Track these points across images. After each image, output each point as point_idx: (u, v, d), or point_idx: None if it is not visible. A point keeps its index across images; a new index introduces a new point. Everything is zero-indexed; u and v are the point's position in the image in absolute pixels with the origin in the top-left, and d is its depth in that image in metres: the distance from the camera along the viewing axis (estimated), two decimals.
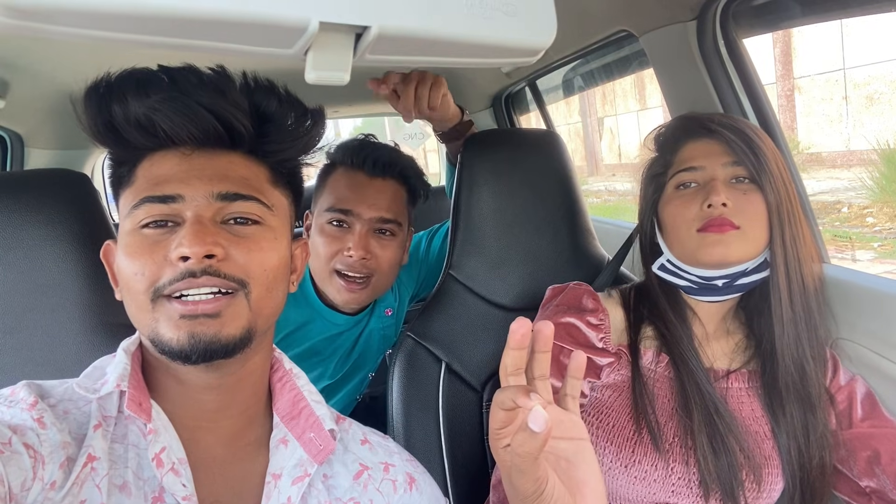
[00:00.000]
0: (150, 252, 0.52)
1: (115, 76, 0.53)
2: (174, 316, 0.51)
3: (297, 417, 0.62)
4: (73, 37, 0.35)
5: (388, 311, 1.29)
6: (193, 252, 0.50)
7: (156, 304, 0.51)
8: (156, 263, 0.51)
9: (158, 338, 0.51)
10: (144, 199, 0.53)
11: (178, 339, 0.51)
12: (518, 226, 1.11)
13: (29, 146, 1.63)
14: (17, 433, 0.46)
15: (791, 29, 8.12)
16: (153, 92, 0.52)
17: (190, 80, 0.53)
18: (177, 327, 0.51)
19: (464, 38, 0.44)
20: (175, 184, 0.54)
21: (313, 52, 0.42)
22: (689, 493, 0.80)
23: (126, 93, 0.51)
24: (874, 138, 7.15)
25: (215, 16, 0.35)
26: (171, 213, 0.53)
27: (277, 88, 0.58)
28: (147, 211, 0.53)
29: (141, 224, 0.53)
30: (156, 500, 0.51)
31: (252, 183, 0.57)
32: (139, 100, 0.51)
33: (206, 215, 0.53)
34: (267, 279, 0.56)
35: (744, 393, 0.87)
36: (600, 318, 0.90)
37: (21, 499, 0.44)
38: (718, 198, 0.80)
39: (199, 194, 0.54)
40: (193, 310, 0.51)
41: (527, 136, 1.28)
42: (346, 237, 1.09)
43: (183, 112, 0.52)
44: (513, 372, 0.51)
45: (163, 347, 0.51)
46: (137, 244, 0.53)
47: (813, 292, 0.84)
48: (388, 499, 0.64)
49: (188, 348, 0.51)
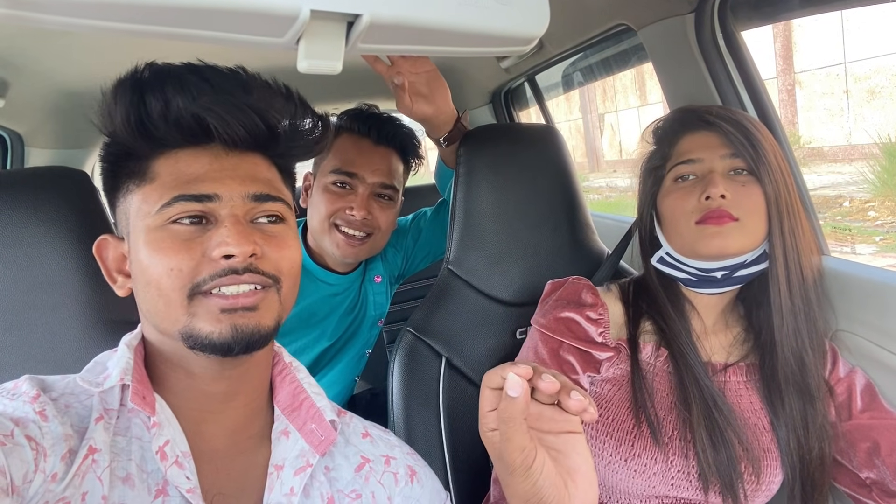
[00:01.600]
0: (186, 249, 0.53)
1: (149, 69, 0.54)
2: (214, 310, 0.52)
3: (298, 409, 0.63)
4: (65, 26, 0.36)
5: (378, 278, 1.34)
6: (241, 251, 0.52)
7: (193, 300, 0.53)
8: (193, 260, 0.52)
9: (195, 332, 0.52)
10: (178, 198, 0.54)
11: (220, 332, 0.52)
12: (517, 220, 1.11)
13: (29, 145, 1.63)
14: (19, 425, 0.46)
15: (791, 23, 8.11)
16: (194, 90, 0.53)
17: (230, 82, 0.54)
18: (218, 321, 0.52)
19: (456, 26, 0.43)
20: (210, 183, 0.55)
21: (305, 40, 0.42)
22: (689, 486, 0.81)
23: (165, 88, 0.52)
24: (875, 132, 7.14)
25: (207, 4, 0.35)
26: (205, 212, 0.55)
27: (293, 92, 0.59)
28: (181, 208, 0.54)
29: (171, 220, 0.54)
30: (159, 493, 0.52)
31: (275, 183, 0.60)
32: (183, 97, 0.52)
33: (240, 215, 0.55)
34: (293, 274, 0.59)
35: (742, 386, 0.87)
36: (599, 313, 0.90)
37: (23, 491, 0.44)
38: (716, 190, 0.80)
39: (235, 194, 0.55)
40: (234, 303, 0.53)
41: (525, 130, 1.28)
42: (349, 197, 1.17)
43: (234, 113, 0.54)
44: None
45: (202, 341, 0.52)
46: (170, 240, 0.53)
47: (812, 284, 0.84)
48: (389, 491, 0.64)
49: (231, 340, 0.52)
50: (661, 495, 0.82)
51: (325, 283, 1.24)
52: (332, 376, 1.32)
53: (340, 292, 1.27)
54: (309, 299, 1.22)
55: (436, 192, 1.46)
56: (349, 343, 1.34)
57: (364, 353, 1.41)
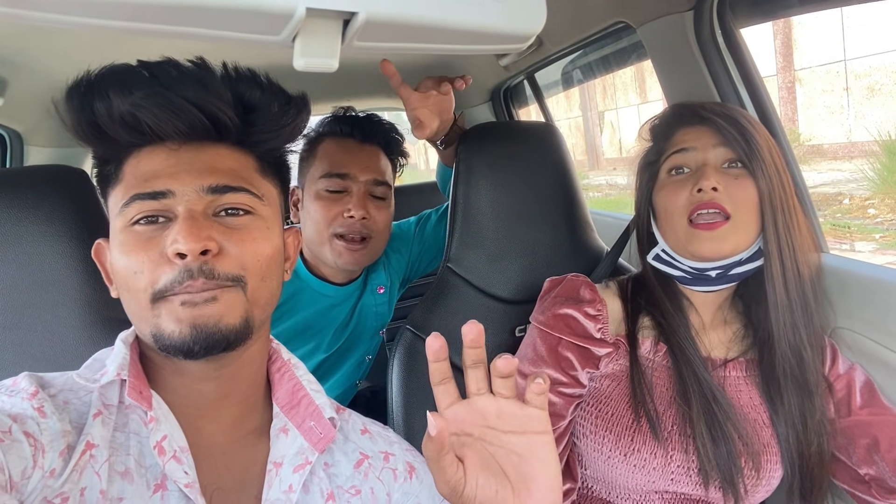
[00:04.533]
0: (144, 249, 0.52)
1: (96, 74, 0.53)
2: (176, 308, 0.51)
3: (297, 406, 0.63)
4: (63, 24, 0.36)
5: (381, 289, 1.31)
6: (189, 248, 0.50)
7: (157, 303, 0.52)
8: (153, 261, 0.51)
9: (161, 332, 0.51)
10: (134, 197, 0.53)
11: (180, 331, 0.51)
12: (516, 218, 1.11)
13: (28, 144, 1.63)
14: (17, 422, 0.46)
15: (791, 20, 8.10)
16: (135, 88, 0.51)
17: (171, 74, 0.53)
18: (179, 320, 0.51)
19: (452, 23, 0.43)
20: (164, 179, 0.53)
21: (301, 38, 0.42)
22: (689, 480, 0.81)
23: (108, 90, 0.51)
24: (875, 129, 7.14)
25: (203, 3, 0.35)
26: (161, 209, 0.53)
27: (259, 77, 0.57)
28: (138, 208, 0.53)
29: (132, 221, 0.53)
30: (158, 487, 0.52)
31: (241, 174, 0.57)
32: (122, 96, 0.51)
33: (197, 209, 0.53)
34: (261, 269, 0.56)
35: (742, 381, 0.87)
36: (598, 309, 0.90)
37: (21, 487, 0.44)
38: (708, 182, 0.80)
39: (189, 188, 0.53)
40: (193, 297, 0.51)
41: (525, 128, 1.28)
42: (344, 200, 1.13)
43: (167, 107, 0.52)
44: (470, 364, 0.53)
45: (165, 342, 0.51)
46: (131, 242, 0.52)
47: (808, 280, 0.84)
48: (388, 487, 0.64)
49: (190, 340, 0.51)
50: (661, 490, 0.82)
51: (322, 295, 1.21)
52: (331, 383, 1.31)
53: (338, 304, 1.24)
54: (304, 312, 1.19)
55: (436, 190, 1.46)
56: (348, 353, 1.32)
57: (365, 360, 1.39)
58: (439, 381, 0.53)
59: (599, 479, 0.86)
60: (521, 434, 0.52)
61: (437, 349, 0.52)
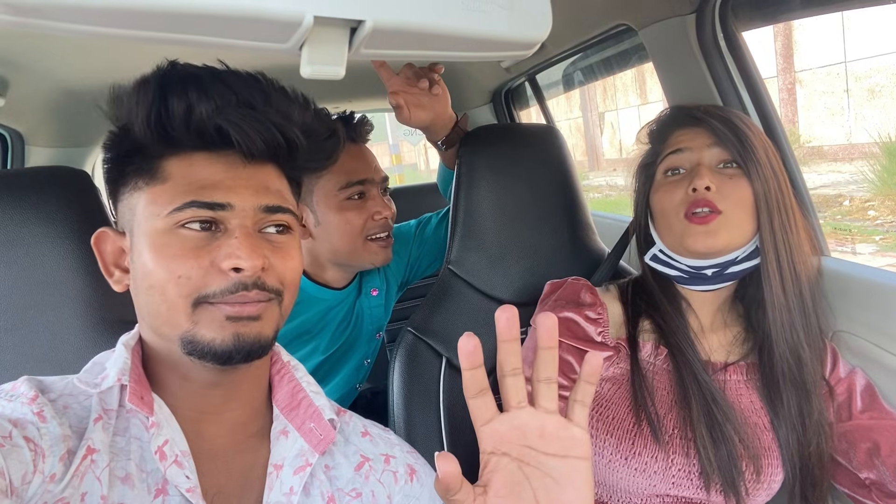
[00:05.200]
0: (194, 256, 0.52)
1: (175, 70, 0.53)
2: (219, 317, 0.52)
3: (297, 408, 0.63)
4: (69, 32, 0.36)
5: (375, 291, 1.32)
6: (251, 265, 0.52)
7: (197, 308, 0.52)
8: (202, 269, 0.52)
9: (197, 339, 0.52)
10: (191, 203, 0.53)
11: (222, 340, 0.52)
12: (518, 220, 1.11)
13: (29, 144, 1.63)
14: (17, 427, 0.46)
15: (792, 22, 8.10)
16: (216, 95, 0.52)
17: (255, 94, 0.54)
18: (221, 328, 0.52)
19: (459, 31, 0.44)
20: (224, 192, 0.54)
21: (308, 46, 0.42)
22: (690, 484, 0.81)
23: (187, 91, 0.52)
24: (876, 131, 7.14)
25: (210, 11, 0.35)
26: (216, 219, 0.54)
27: (315, 106, 0.59)
28: (192, 214, 0.53)
29: (179, 224, 0.53)
30: (159, 492, 0.52)
31: (284, 194, 0.59)
32: (205, 102, 0.52)
33: (249, 225, 0.55)
34: (295, 284, 0.59)
35: (742, 385, 0.87)
36: (598, 312, 0.90)
37: (21, 492, 0.44)
38: (702, 181, 0.81)
39: (248, 206, 0.55)
40: (240, 312, 0.52)
41: (526, 130, 1.28)
42: (368, 204, 1.16)
43: (255, 127, 0.53)
44: (510, 371, 0.49)
45: (202, 348, 0.52)
46: (178, 246, 0.52)
47: (806, 280, 0.84)
48: (389, 490, 0.64)
49: (232, 349, 0.52)
50: (662, 494, 0.83)
51: (319, 299, 1.22)
52: (331, 386, 1.32)
53: (335, 306, 1.25)
54: (303, 316, 1.19)
55: (436, 191, 1.46)
56: (346, 356, 1.33)
57: (364, 363, 1.39)
58: (476, 392, 0.49)
59: (600, 483, 0.86)
60: (562, 458, 0.49)
61: (470, 351, 0.47)
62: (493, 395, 0.49)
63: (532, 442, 0.49)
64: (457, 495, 0.47)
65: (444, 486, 0.46)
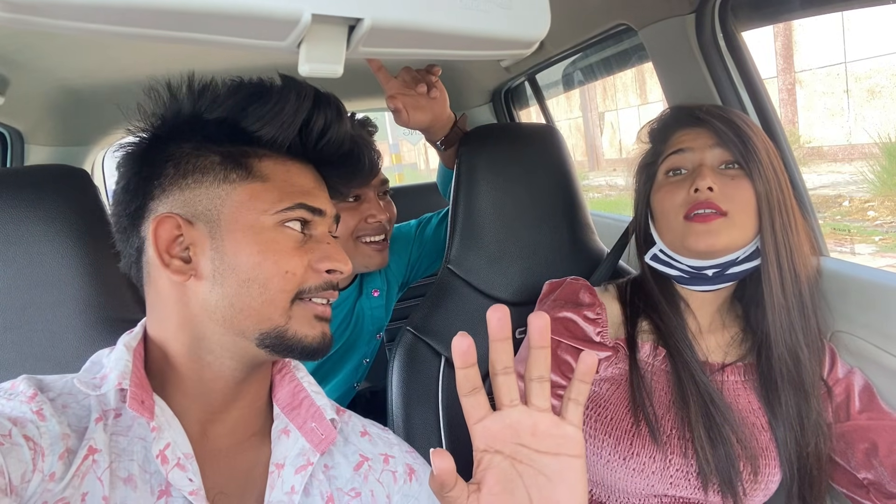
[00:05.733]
0: (300, 255, 0.57)
1: (315, 93, 0.59)
2: (309, 316, 0.58)
3: (298, 408, 0.63)
4: (67, 30, 0.36)
5: (376, 292, 1.32)
6: (347, 269, 0.59)
7: (294, 303, 0.56)
8: (304, 267, 0.57)
9: (288, 333, 0.56)
10: (301, 206, 0.58)
11: (313, 338, 0.58)
12: (517, 220, 1.11)
13: (29, 143, 1.63)
14: (16, 425, 0.46)
15: (791, 22, 8.10)
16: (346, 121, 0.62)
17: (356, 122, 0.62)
18: (312, 327, 0.58)
19: (457, 30, 0.44)
20: (321, 200, 0.61)
21: (306, 44, 0.42)
22: (688, 484, 0.81)
23: (328, 111, 0.60)
24: (875, 132, 7.14)
25: (208, 8, 0.35)
26: (311, 222, 0.60)
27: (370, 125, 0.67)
28: (299, 215, 0.58)
29: (282, 222, 0.57)
30: (162, 493, 0.51)
31: None
32: (341, 123, 0.61)
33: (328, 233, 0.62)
34: None
35: (740, 386, 0.87)
36: (597, 313, 0.90)
37: (21, 490, 0.44)
38: (704, 182, 0.81)
39: (330, 214, 0.62)
40: (325, 312, 0.59)
41: (525, 130, 1.28)
42: (362, 207, 1.17)
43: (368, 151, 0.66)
44: (501, 370, 0.48)
45: (292, 344, 0.56)
46: (285, 243, 0.56)
47: (805, 281, 0.84)
48: (388, 489, 0.64)
49: (318, 346, 0.58)
50: (660, 494, 0.83)
51: None
52: (330, 386, 1.32)
53: (335, 307, 1.23)
54: None
55: (436, 191, 1.46)
56: (346, 356, 1.32)
57: (363, 363, 1.39)
58: (469, 390, 0.48)
59: (598, 483, 0.86)
60: (555, 456, 0.49)
61: (464, 350, 0.47)
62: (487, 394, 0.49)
63: (524, 440, 0.49)
64: (451, 492, 0.47)
65: (438, 482, 0.46)
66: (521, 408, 0.49)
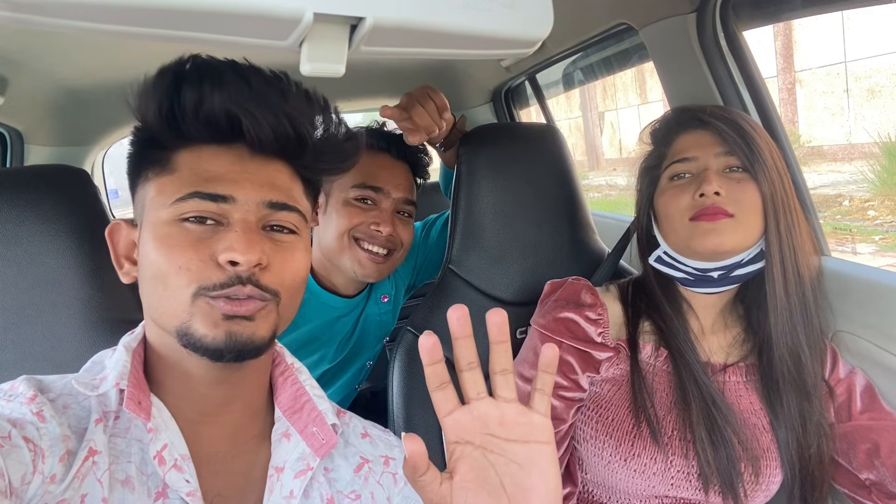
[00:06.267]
0: (194, 248, 0.52)
1: (192, 64, 0.53)
2: (215, 315, 0.52)
3: (300, 412, 0.62)
4: (68, 29, 0.35)
5: (385, 298, 1.31)
6: (246, 260, 0.52)
7: (196, 300, 0.52)
8: (202, 261, 0.52)
9: (191, 332, 0.52)
10: (195, 194, 0.53)
11: (214, 337, 0.52)
12: (518, 220, 1.11)
13: (28, 143, 1.63)
14: (16, 427, 0.46)
15: (792, 22, 8.11)
16: (229, 87, 0.52)
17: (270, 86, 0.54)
18: (215, 325, 0.52)
19: (460, 29, 0.43)
20: (228, 184, 0.54)
21: (308, 43, 0.41)
22: (689, 485, 0.81)
23: (202, 81, 0.52)
24: (875, 131, 7.14)
25: (210, 7, 0.35)
26: (218, 213, 0.54)
27: (332, 107, 0.59)
28: (195, 206, 0.53)
29: (183, 217, 0.53)
30: (159, 496, 0.51)
31: (293, 193, 0.59)
32: (218, 92, 0.52)
33: (252, 220, 0.55)
34: (295, 287, 0.58)
35: (741, 386, 0.87)
36: (599, 313, 0.90)
37: (21, 492, 0.44)
38: (710, 186, 0.80)
39: (250, 199, 0.55)
40: (235, 310, 0.52)
41: (526, 130, 1.28)
42: (372, 213, 1.13)
43: (268, 118, 0.53)
44: (499, 371, 0.49)
45: (195, 342, 0.52)
46: (179, 237, 0.53)
47: (808, 282, 0.84)
48: (388, 491, 0.64)
49: (223, 347, 0.52)
50: (661, 495, 0.82)
51: (329, 307, 1.20)
52: (333, 390, 1.31)
53: (344, 315, 1.23)
54: (311, 324, 1.18)
55: (435, 190, 1.46)
56: (351, 361, 1.32)
57: (366, 365, 1.39)
58: (437, 385, 0.50)
59: (600, 484, 0.86)
60: (524, 443, 0.50)
61: (429, 348, 0.49)
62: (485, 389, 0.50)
63: (493, 430, 0.49)
64: (423, 476, 0.48)
65: (411, 466, 0.47)
66: (488, 399, 0.50)
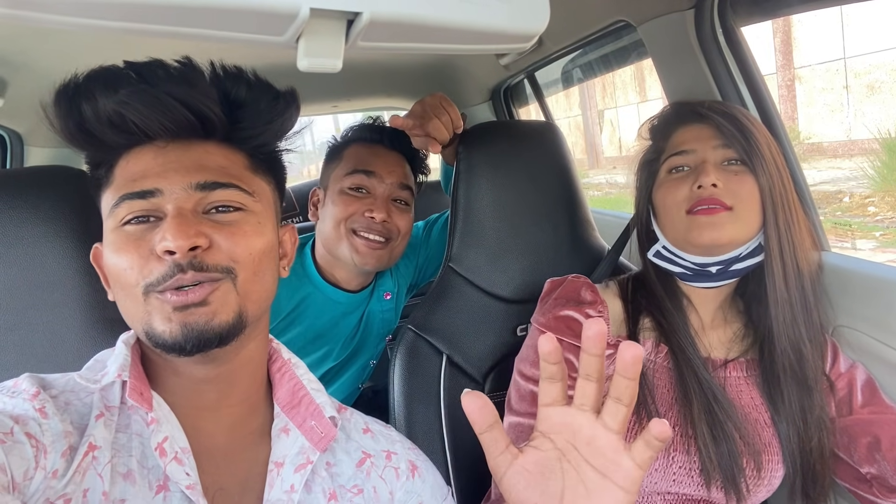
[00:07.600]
0: (135, 247, 0.52)
1: (83, 76, 0.52)
2: (166, 309, 0.51)
3: (298, 406, 0.63)
4: (65, 25, 0.35)
5: (388, 295, 1.31)
6: (177, 245, 0.50)
7: (148, 298, 0.52)
8: (143, 258, 0.52)
9: (153, 331, 0.52)
10: (123, 197, 0.53)
11: (171, 331, 0.51)
12: (517, 217, 1.11)
13: (28, 144, 1.63)
14: (19, 423, 0.46)
15: (791, 18, 8.10)
16: (122, 88, 0.51)
17: (157, 73, 0.53)
18: (169, 320, 0.51)
19: (456, 23, 0.43)
20: (152, 178, 0.53)
21: (305, 39, 0.41)
22: (691, 481, 0.81)
23: (94, 91, 0.51)
24: (875, 127, 7.14)
25: (207, 3, 0.35)
26: (151, 209, 0.53)
27: (246, 74, 0.57)
28: (127, 208, 0.53)
29: (123, 221, 0.53)
30: (160, 489, 0.52)
31: (230, 171, 0.57)
32: (108, 96, 0.51)
33: (186, 206, 0.53)
34: (253, 263, 0.56)
35: (742, 381, 0.87)
36: (599, 311, 0.90)
37: (23, 488, 0.44)
38: (708, 179, 0.80)
39: (176, 186, 0.53)
40: (184, 300, 0.51)
41: (525, 127, 1.28)
42: (367, 200, 1.15)
43: (153, 104, 0.52)
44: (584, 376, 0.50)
45: (157, 340, 0.52)
46: (122, 241, 0.53)
47: (808, 276, 0.84)
48: (390, 486, 0.64)
49: (181, 339, 0.51)
50: (663, 491, 0.82)
51: (334, 302, 1.21)
52: (335, 388, 1.32)
53: (350, 312, 1.24)
54: (316, 319, 1.19)
55: (436, 188, 1.46)
56: (353, 359, 1.32)
57: (369, 364, 1.39)
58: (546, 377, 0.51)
59: None
60: (602, 476, 0.49)
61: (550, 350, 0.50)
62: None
63: (578, 444, 0.50)
64: (486, 436, 0.51)
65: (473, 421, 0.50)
66: (589, 415, 0.50)
